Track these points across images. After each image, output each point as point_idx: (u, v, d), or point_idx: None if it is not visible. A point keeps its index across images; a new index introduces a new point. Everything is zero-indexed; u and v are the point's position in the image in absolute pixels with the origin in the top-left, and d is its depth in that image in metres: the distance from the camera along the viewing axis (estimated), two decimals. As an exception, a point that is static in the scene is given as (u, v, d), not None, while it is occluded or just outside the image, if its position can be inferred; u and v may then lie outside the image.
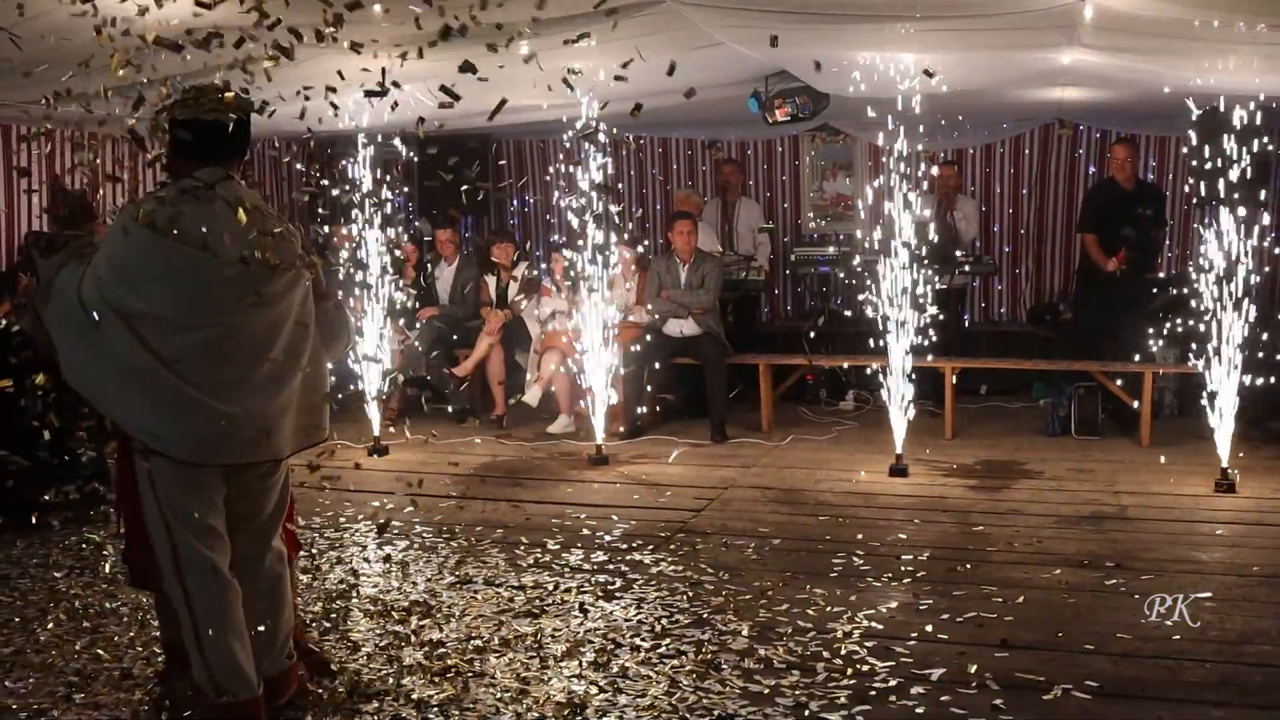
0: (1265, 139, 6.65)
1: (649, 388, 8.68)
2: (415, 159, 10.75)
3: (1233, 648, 4.33)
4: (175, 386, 3.39)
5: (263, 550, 3.67)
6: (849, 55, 6.76)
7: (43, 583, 5.19)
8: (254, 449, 3.53)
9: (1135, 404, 7.88)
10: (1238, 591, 4.97)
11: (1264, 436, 7.84)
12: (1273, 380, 7.01)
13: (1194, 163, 6.90)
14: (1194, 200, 8.15)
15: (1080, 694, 3.91)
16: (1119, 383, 8.04)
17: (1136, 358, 7.94)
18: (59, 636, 4.50)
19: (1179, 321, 7.27)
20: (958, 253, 9.38)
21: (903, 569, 5.31)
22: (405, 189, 10.06)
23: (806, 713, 3.77)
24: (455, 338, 9.47)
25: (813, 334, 8.79)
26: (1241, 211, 6.54)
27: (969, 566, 5.35)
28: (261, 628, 3.66)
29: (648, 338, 8.70)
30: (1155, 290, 8.83)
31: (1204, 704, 3.84)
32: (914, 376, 7.21)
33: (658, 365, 8.66)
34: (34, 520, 5.63)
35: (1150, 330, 7.98)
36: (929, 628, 4.55)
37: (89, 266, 3.45)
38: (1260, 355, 6.88)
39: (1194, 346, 6.89)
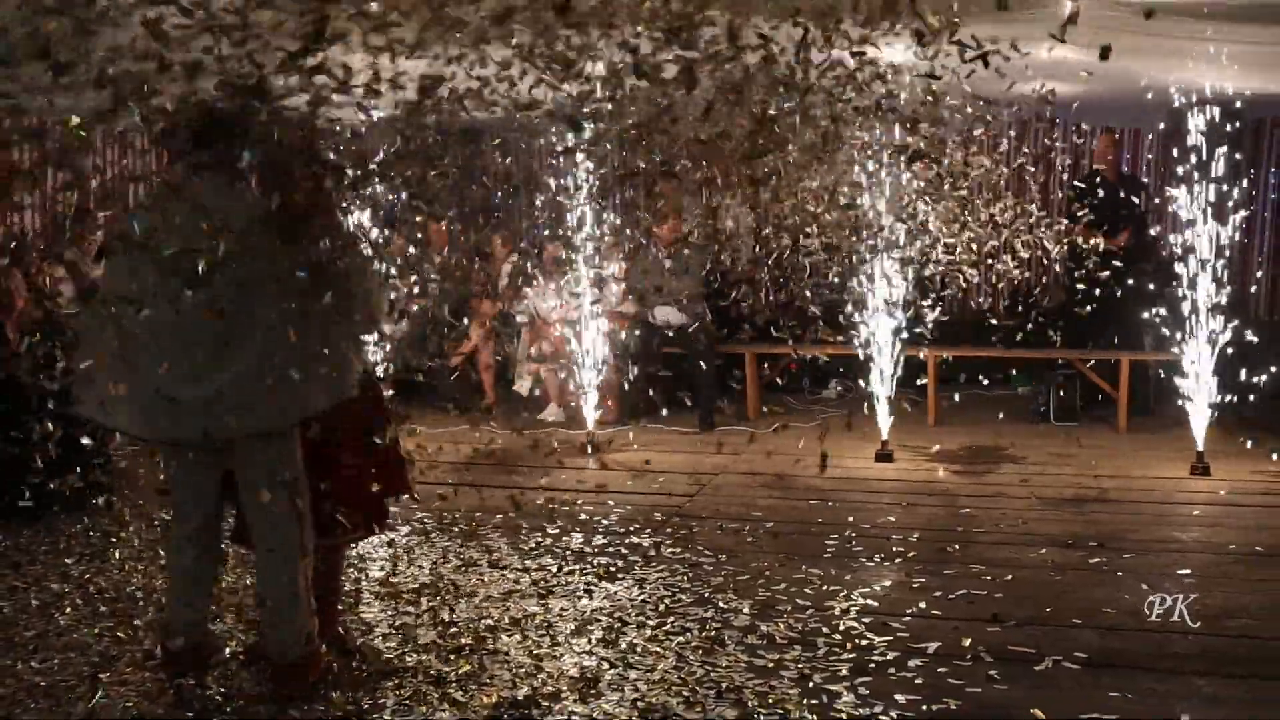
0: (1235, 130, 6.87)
1: (633, 377, 8.79)
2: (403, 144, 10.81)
3: (1214, 621, 4.52)
4: (131, 368, 3.61)
5: (258, 522, 3.79)
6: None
7: (54, 569, 5.28)
8: (211, 426, 3.61)
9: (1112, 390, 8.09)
10: (1216, 569, 5.17)
11: (1236, 421, 8.05)
12: (1243, 366, 7.23)
13: (1173, 150, 7.08)
14: (1169, 190, 8.34)
15: (1071, 665, 4.10)
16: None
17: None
18: (78, 620, 4.60)
19: (1156, 311, 7.45)
20: None
21: (894, 550, 5.48)
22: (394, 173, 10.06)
23: (810, 685, 3.93)
24: (444, 328, 9.55)
25: (794, 323, 8.90)
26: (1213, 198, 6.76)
27: (958, 547, 5.53)
28: (268, 600, 3.82)
29: (638, 329, 8.82)
30: (1138, 279, 9.01)
31: (1189, 674, 4.03)
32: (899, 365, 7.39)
33: (646, 354, 8.78)
34: (31, 506, 5.77)
35: (1130, 318, 8.17)
36: (922, 604, 4.73)
37: None
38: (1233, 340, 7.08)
39: (1163, 330, 7.09)
